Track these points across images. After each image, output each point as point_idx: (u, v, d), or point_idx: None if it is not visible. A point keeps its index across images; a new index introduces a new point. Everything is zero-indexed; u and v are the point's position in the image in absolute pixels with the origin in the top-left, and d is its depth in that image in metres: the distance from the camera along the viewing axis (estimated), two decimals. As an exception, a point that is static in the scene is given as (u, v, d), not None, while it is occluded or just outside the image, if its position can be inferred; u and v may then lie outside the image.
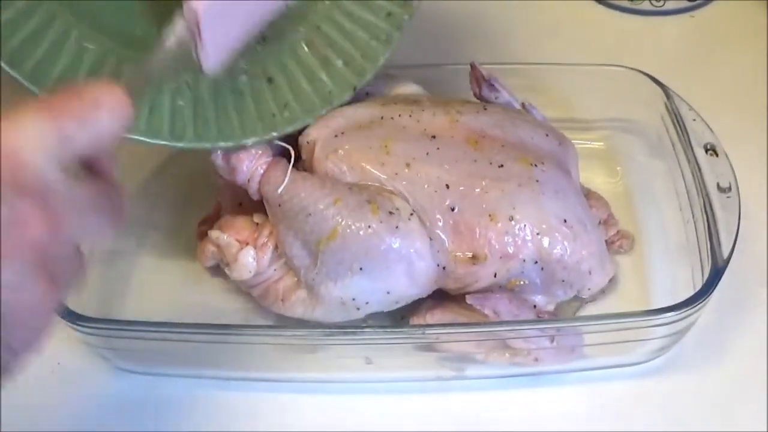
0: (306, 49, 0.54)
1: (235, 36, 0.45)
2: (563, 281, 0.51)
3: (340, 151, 0.52)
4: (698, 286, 0.49)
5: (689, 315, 0.48)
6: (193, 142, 0.50)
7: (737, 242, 0.50)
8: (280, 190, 0.50)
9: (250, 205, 0.54)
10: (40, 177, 0.32)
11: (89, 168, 0.36)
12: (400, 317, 0.52)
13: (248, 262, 0.51)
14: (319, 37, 0.55)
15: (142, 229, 0.60)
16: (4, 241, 0.30)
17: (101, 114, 0.34)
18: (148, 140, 0.49)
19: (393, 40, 0.54)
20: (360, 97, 0.55)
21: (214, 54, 0.43)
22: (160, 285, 0.57)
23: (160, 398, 0.52)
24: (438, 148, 0.52)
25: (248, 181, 0.52)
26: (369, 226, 0.49)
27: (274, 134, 0.52)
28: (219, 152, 0.52)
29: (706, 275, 0.49)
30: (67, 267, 0.34)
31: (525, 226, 0.50)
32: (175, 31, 0.41)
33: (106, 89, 0.35)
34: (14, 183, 0.31)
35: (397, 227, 0.49)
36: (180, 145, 0.50)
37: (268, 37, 0.53)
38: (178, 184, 0.64)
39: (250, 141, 0.51)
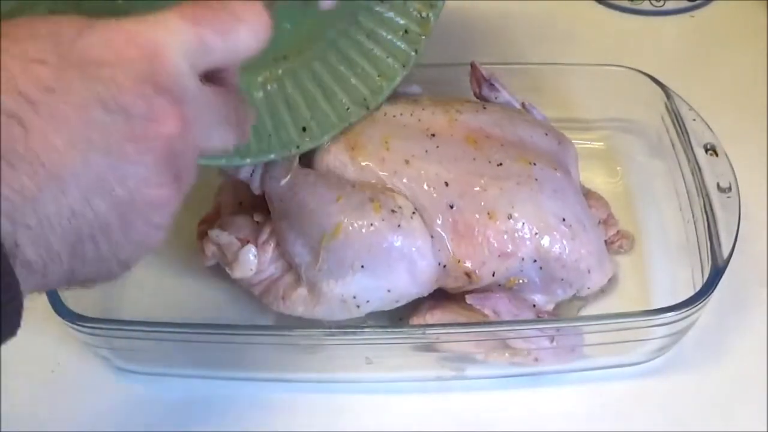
0: (322, 66, 0.53)
1: None
2: (562, 280, 0.51)
3: (341, 146, 0.52)
4: (698, 286, 0.49)
5: (689, 315, 0.48)
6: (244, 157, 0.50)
7: (737, 242, 0.50)
8: (282, 186, 0.50)
9: (250, 204, 0.54)
10: (177, 77, 0.32)
11: (217, 78, 0.36)
12: (398, 318, 0.52)
13: (249, 260, 0.51)
14: (336, 55, 0.54)
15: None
16: (138, 134, 0.30)
17: (241, 29, 0.34)
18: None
19: (410, 61, 0.53)
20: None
21: None
22: (160, 285, 0.57)
23: (159, 398, 0.52)
24: (437, 147, 0.52)
25: (251, 175, 0.52)
26: (371, 224, 0.49)
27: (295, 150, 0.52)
28: None
29: (706, 275, 0.49)
30: (190, 170, 0.34)
31: (524, 224, 0.50)
32: None
33: (249, 4, 0.35)
34: (153, 79, 0.31)
35: (399, 225, 0.49)
36: (246, 161, 0.50)
37: (288, 56, 0.53)
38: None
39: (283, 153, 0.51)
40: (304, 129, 0.52)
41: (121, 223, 0.31)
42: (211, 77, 0.36)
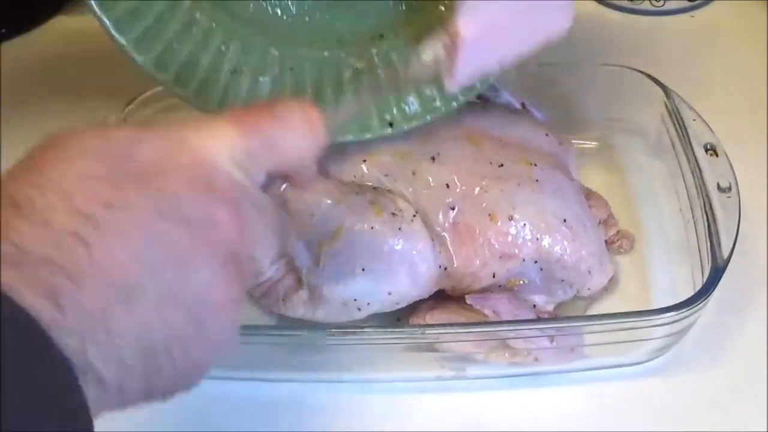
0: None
1: (489, 61, 0.44)
2: (563, 281, 0.51)
3: (341, 149, 0.52)
4: (698, 286, 0.49)
5: (689, 315, 0.48)
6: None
7: (737, 242, 0.50)
8: (282, 189, 0.50)
9: (250, 205, 0.54)
10: (230, 183, 0.32)
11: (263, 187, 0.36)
12: (395, 319, 0.52)
13: (249, 262, 0.51)
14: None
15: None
16: (199, 241, 0.30)
17: (288, 137, 0.35)
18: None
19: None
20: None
21: (462, 75, 0.42)
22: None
23: (159, 398, 0.52)
24: (438, 148, 0.52)
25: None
26: (372, 227, 0.49)
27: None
28: None
29: (706, 275, 0.49)
30: (250, 270, 0.34)
31: (524, 225, 0.50)
32: (426, 54, 0.41)
33: (299, 112, 0.35)
34: (208, 185, 0.31)
35: (400, 229, 0.49)
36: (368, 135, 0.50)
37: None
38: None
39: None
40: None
41: (194, 329, 0.31)
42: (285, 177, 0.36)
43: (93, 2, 0.45)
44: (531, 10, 0.43)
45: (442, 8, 0.46)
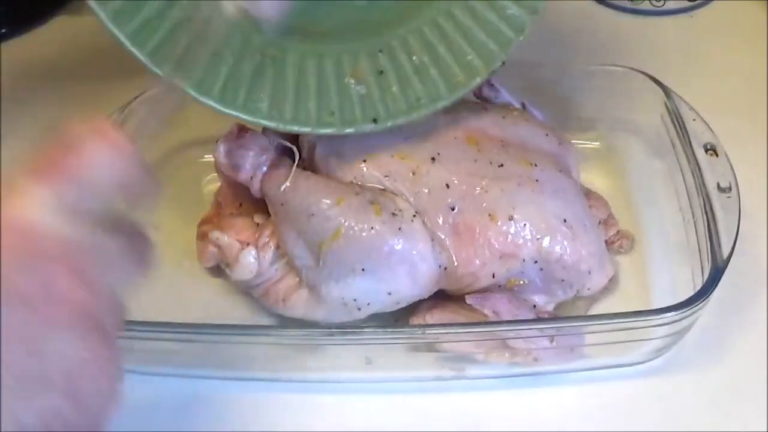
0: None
1: None
2: (563, 281, 0.51)
3: (341, 149, 0.52)
4: (698, 286, 0.49)
5: (689, 315, 0.48)
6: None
7: (737, 242, 0.50)
8: (282, 189, 0.50)
9: (250, 205, 0.54)
10: (56, 240, 0.31)
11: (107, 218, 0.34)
12: (394, 320, 0.52)
13: (249, 262, 0.51)
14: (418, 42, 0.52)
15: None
16: (47, 317, 0.29)
17: (92, 164, 0.32)
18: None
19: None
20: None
21: (273, 9, 0.42)
22: (160, 285, 0.57)
23: (159, 398, 0.52)
24: (438, 148, 0.52)
25: (251, 179, 0.52)
26: (372, 228, 0.49)
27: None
28: (222, 149, 0.52)
29: (706, 275, 0.49)
30: (112, 315, 0.33)
31: (525, 225, 0.50)
32: (228, 10, 0.40)
33: (90, 133, 0.33)
34: (36, 254, 0.30)
35: (400, 229, 0.49)
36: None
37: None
38: (178, 184, 0.64)
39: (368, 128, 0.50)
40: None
41: (72, 404, 0.30)
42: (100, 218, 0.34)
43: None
44: None
45: None
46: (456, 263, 0.50)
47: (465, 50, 0.52)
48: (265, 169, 0.51)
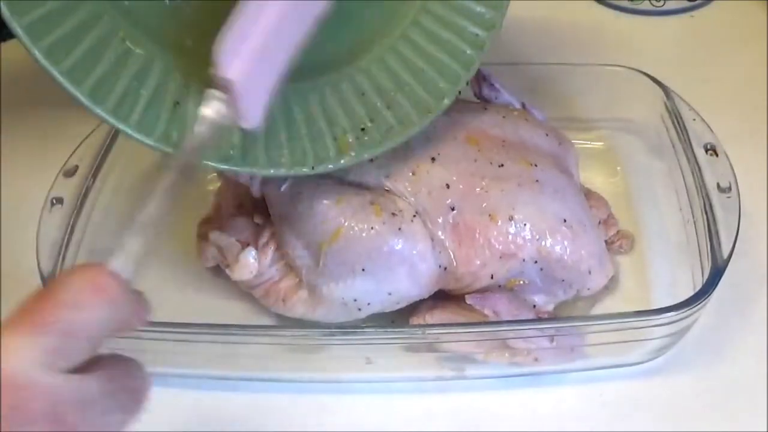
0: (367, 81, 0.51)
1: (269, 84, 0.43)
2: (563, 281, 0.51)
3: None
4: (698, 286, 0.49)
5: (689, 315, 0.48)
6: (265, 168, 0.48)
7: (737, 242, 0.50)
8: (282, 189, 0.50)
9: (250, 205, 0.54)
10: (44, 394, 0.30)
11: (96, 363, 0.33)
12: (390, 321, 0.52)
13: (249, 263, 0.51)
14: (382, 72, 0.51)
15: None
16: None
17: (84, 316, 0.31)
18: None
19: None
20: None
21: (253, 112, 0.42)
22: (160, 285, 0.57)
23: (159, 398, 0.52)
24: (438, 148, 0.52)
25: (251, 179, 0.52)
26: (372, 228, 0.49)
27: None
28: None
29: (706, 275, 0.49)
30: None
31: (525, 225, 0.50)
32: (208, 112, 0.40)
33: (83, 283, 0.32)
34: (24, 414, 0.29)
35: (400, 229, 0.49)
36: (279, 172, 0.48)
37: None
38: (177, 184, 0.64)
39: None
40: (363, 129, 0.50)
41: None
42: (91, 362, 0.33)
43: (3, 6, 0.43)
44: (291, 9, 0.42)
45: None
46: (456, 263, 0.50)
47: (430, 75, 0.51)
48: (265, 169, 0.51)
